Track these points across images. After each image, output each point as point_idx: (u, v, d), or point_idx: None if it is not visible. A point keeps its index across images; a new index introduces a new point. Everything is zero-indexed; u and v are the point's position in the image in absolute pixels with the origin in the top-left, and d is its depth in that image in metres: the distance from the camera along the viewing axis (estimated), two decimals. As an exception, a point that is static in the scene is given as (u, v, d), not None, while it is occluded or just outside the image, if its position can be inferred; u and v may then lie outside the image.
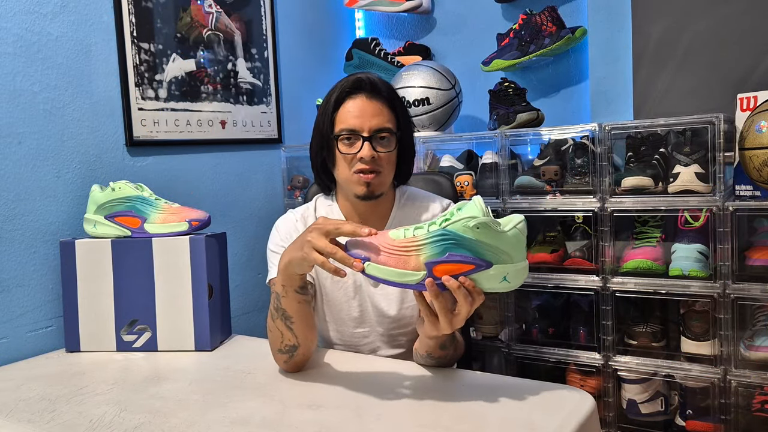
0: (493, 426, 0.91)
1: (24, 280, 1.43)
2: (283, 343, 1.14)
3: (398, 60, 2.18)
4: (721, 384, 1.44)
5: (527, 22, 1.91)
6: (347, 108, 1.24)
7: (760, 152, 1.29)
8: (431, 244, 0.89)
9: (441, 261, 0.89)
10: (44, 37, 1.48)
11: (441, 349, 1.13)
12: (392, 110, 1.27)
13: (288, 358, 1.16)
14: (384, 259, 0.90)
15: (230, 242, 1.81)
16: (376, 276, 0.91)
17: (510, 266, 0.90)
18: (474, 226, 0.87)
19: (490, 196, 1.70)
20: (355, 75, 1.28)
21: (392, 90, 1.29)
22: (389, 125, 1.24)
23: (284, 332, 1.13)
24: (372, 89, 1.25)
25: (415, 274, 0.89)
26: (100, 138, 1.59)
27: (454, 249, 0.89)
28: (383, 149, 1.23)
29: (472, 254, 0.89)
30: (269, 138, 2.06)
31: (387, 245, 0.91)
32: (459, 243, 0.89)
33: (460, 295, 0.91)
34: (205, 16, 1.85)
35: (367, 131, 1.22)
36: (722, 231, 1.42)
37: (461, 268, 0.89)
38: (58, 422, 1.00)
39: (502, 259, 0.90)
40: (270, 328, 1.15)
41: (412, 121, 1.35)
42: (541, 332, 1.71)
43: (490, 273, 0.90)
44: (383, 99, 1.25)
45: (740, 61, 1.66)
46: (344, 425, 0.93)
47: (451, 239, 0.89)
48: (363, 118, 1.23)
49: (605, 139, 1.54)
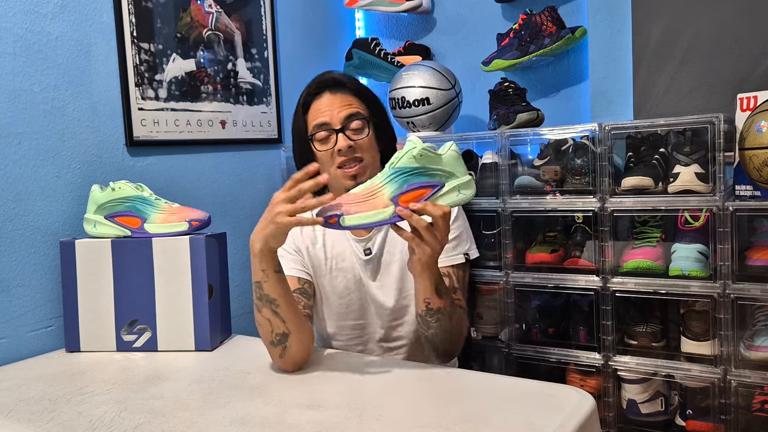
0: (493, 426, 0.91)
1: (24, 280, 1.43)
2: (273, 332, 1.13)
3: (398, 60, 2.18)
4: (721, 384, 1.44)
5: (527, 22, 1.91)
6: (315, 107, 1.30)
7: (760, 152, 1.29)
8: (389, 182, 1.05)
9: (402, 192, 1.04)
10: (44, 37, 1.48)
11: (437, 295, 1.13)
12: (359, 98, 1.30)
13: (282, 351, 1.14)
14: (355, 209, 1.03)
15: (230, 242, 1.81)
16: (353, 224, 1.03)
17: (457, 180, 1.06)
18: (417, 154, 1.03)
19: (490, 196, 1.70)
20: (318, 77, 1.33)
21: (356, 81, 1.34)
22: (358, 110, 1.28)
23: (272, 319, 1.12)
24: (335, 84, 1.30)
25: (386, 210, 1.03)
26: (100, 138, 1.59)
27: (409, 179, 1.04)
28: (358, 137, 1.26)
29: (426, 178, 1.04)
30: (269, 138, 2.06)
31: (352, 199, 1.05)
32: (411, 173, 1.04)
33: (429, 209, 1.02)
34: (205, 16, 1.86)
35: (338, 123, 1.26)
36: (722, 231, 1.42)
37: (421, 193, 1.04)
38: (58, 422, 1.00)
39: (449, 177, 1.06)
40: (259, 323, 1.15)
41: (382, 105, 1.39)
42: (541, 332, 1.71)
43: (444, 191, 1.05)
44: (348, 90, 1.30)
45: (740, 61, 1.66)
46: (344, 425, 0.93)
47: (403, 172, 1.04)
48: (331, 112, 1.27)
49: (605, 139, 1.54)
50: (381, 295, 1.33)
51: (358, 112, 1.28)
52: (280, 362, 1.17)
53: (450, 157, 1.06)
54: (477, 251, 1.45)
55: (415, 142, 1.05)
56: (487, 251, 1.72)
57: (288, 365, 1.16)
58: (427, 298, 1.14)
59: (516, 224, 1.69)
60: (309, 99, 1.31)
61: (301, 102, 1.33)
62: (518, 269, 1.69)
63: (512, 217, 1.68)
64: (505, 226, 1.68)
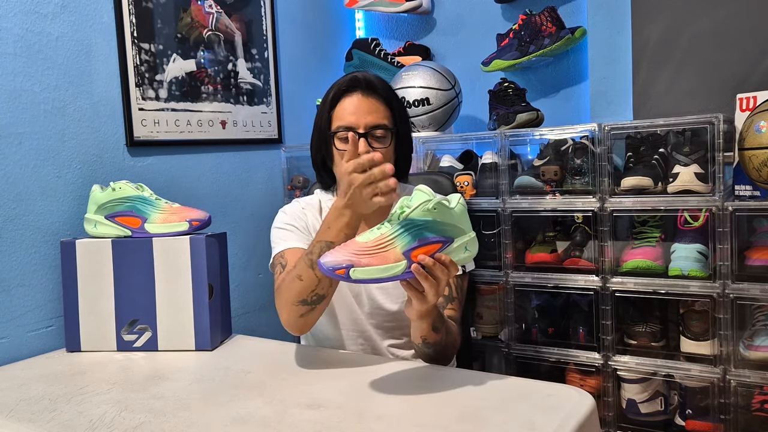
0: (493, 426, 0.92)
1: (24, 279, 1.44)
2: (314, 291, 1.15)
3: (398, 60, 2.18)
4: (720, 384, 1.44)
5: (527, 22, 1.91)
6: (343, 106, 1.27)
7: (760, 152, 1.29)
8: (401, 235, 0.99)
9: (415, 246, 0.99)
10: (44, 38, 1.48)
11: (434, 332, 1.14)
12: (388, 107, 1.29)
13: (308, 311, 1.16)
14: (366, 261, 0.98)
15: (230, 242, 1.81)
16: (364, 278, 0.97)
17: (465, 237, 1.03)
18: (432, 207, 0.99)
19: (490, 196, 1.71)
20: (351, 73, 1.30)
21: (388, 87, 1.31)
22: (385, 122, 1.27)
23: (323, 280, 1.14)
24: (367, 87, 1.28)
25: (398, 265, 0.98)
26: (100, 138, 1.60)
27: (421, 234, 1.00)
28: (379, 145, 1.26)
29: (437, 234, 1.01)
30: (269, 138, 2.06)
31: (361, 249, 0.99)
32: (423, 227, 1.00)
33: (437, 270, 1.00)
34: (206, 17, 1.86)
35: (362, 128, 1.24)
36: (722, 231, 1.42)
37: (432, 248, 1.00)
38: (58, 422, 1.00)
39: (458, 232, 1.03)
40: (302, 278, 1.15)
41: (409, 118, 1.38)
42: (540, 332, 1.71)
43: (453, 247, 1.02)
44: (379, 96, 1.28)
45: (740, 61, 1.66)
46: (344, 425, 0.93)
47: (416, 226, 1.00)
48: (358, 115, 1.25)
49: (605, 139, 1.54)
50: (379, 296, 1.33)
51: (385, 124, 1.27)
52: (296, 321, 1.19)
53: (459, 211, 1.02)
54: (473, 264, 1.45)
55: (428, 194, 1.00)
56: (487, 251, 1.72)
57: (300, 328, 1.19)
58: (424, 336, 1.15)
59: (516, 224, 1.69)
60: (339, 94, 1.28)
61: (331, 96, 1.29)
62: (518, 269, 1.69)
63: (512, 217, 1.68)
64: (505, 226, 1.69)
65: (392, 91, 1.31)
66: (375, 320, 1.34)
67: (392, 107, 1.29)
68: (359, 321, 1.35)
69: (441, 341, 1.17)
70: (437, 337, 1.15)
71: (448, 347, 1.21)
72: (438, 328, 1.15)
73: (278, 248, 1.32)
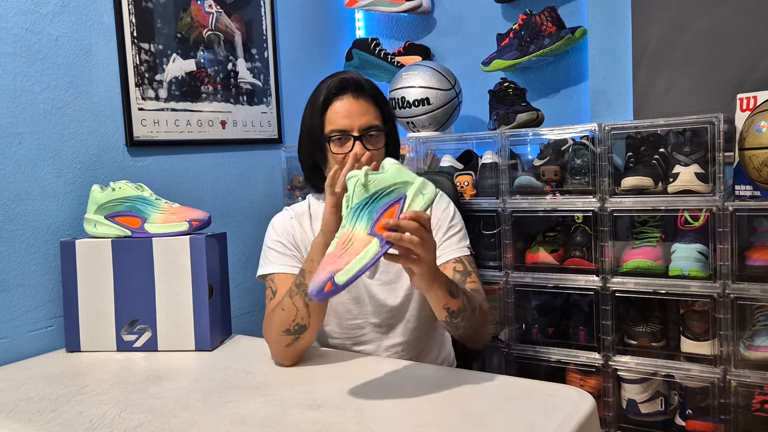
0: (493, 426, 0.92)
1: (24, 279, 1.44)
2: (294, 321, 1.16)
3: (398, 60, 2.18)
4: (720, 384, 1.44)
5: (527, 22, 1.91)
6: (335, 109, 1.28)
7: (760, 152, 1.29)
8: (357, 222, 1.02)
9: (375, 221, 1.02)
10: (44, 37, 1.48)
11: (452, 296, 1.13)
12: (377, 106, 1.31)
13: (292, 341, 1.17)
14: (343, 262, 0.98)
15: (230, 242, 1.81)
16: (350, 277, 0.96)
17: (414, 185, 1.05)
18: (365, 182, 1.03)
19: (490, 196, 1.71)
20: (338, 75, 1.32)
21: (374, 86, 1.33)
22: (377, 122, 1.29)
23: (300, 309, 1.15)
24: (357, 88, 1.29)
25: (371, 247, 0.99)
26: (100, 138, 1.60)
27: (373, 209, 1.03)
28: (373, 146, 1.27)
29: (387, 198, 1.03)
30: (269, 138, 2.06)
31: (333, 257, 1.00)
32: (370, 202, 1.03)
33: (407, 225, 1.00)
34: (206, 17, 1.86)
35: (357, 130, 1.26)
36: (722, 231, 1.42)
37: (390, 213, 1.02)
38: (58, 422, 1.00)
39: (405, 186, 1.05)
40: (283, 308, 1.17)
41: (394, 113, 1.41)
42: (540, 332, 1.71)
43: (409, 200, 1.04)
44: (368, 96, 1.30)
45: (740, 61, 1.66)
46: (344, 425, 0.93)
47: (364, 206, 1.03)
48: (352, 118, 1.26)
49: (605, 139, 1.54)
50: (380, 293, 1.34)
51: (377, 124, 1.28)
52: (284, 352, 1.20)
53: (393, 170, 1.04)
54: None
55: (354, 173, 1.04)
56: (487, 251, 1.72)
57: (289, 358, 1.20)
58: (445, 305, 1.14)
59: (516, 224, 1.69)
60: (330, 98, 1.29)
61: (321, 99, 1.29)
62: (518, 269, 1.69)
63: (512, 217, 1.68)
64: (505, 226, 1.68)
65: (378, 89, 1.33)
66: (378, 318, 1.34)
67: (380, 106, 1.31)
68: (361, 322, 1.35)
69: (465, 307, 1.16)
70: (459, 303, 1.15)
71: (476, 317, 1.19)
72: (454, 293, 1.14)
73: (267, 269, 1.33)
